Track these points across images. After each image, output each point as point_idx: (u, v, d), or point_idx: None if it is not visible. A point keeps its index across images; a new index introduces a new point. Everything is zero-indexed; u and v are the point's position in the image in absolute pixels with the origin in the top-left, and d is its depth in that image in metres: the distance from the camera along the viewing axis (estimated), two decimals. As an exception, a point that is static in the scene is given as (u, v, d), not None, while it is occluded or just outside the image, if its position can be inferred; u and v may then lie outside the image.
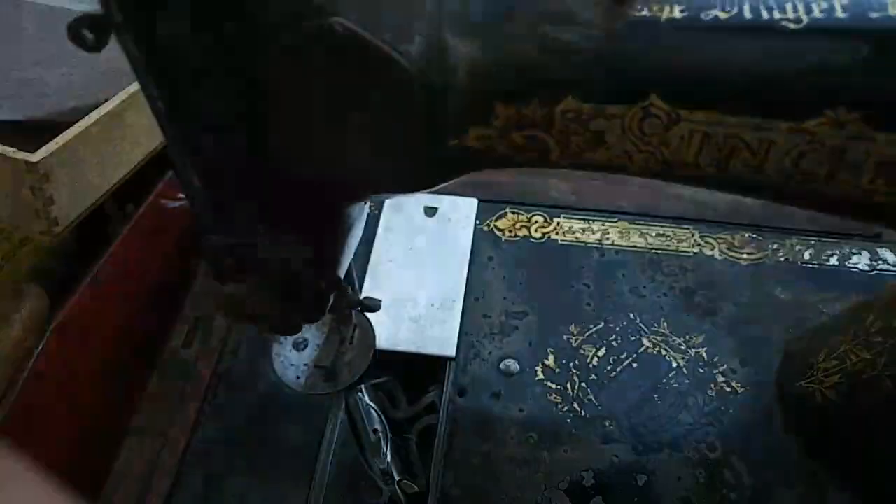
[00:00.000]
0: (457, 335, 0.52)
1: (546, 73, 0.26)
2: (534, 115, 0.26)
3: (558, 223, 0.60)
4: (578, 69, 0.26)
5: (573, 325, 0.54)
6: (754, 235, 0.59)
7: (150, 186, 0.60)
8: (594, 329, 0.53)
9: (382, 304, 0.48)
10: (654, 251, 0.58)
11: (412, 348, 0.52)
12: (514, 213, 0.61)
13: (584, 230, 0.59)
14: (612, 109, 0.26)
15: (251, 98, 0.25)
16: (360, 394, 0.49)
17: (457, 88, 0.25)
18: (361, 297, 0.48)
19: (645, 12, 0.26)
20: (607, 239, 0.59)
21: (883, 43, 0.24)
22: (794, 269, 0.57)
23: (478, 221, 0.60)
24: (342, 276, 0.39)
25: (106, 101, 0.47)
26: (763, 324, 0.54)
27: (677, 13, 0.26)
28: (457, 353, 0.51)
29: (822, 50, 0.25)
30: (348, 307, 0.47)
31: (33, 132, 0.47)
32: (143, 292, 0.60)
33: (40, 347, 0.50)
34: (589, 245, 0.58)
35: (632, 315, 0.54)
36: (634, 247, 0.58)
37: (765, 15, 0.25)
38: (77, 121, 0.46)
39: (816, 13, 0.25)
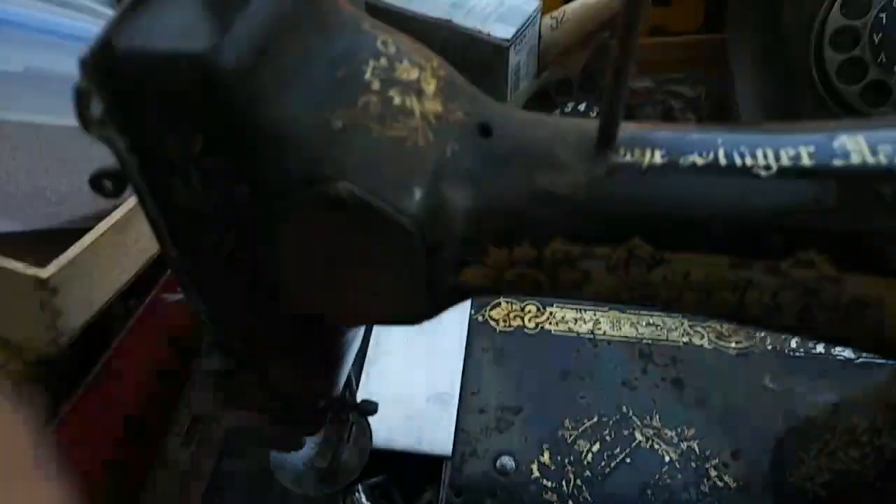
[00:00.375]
0: (453, 433, 0.53)
1: (535, 218, 0.27)
2: (525, 255, 0.28)
3: (551, 312, 0.61)
4: (565, 214, 0.27)
5: (568, 420, 0.54)
6: (742, 325, 0.60)
7: (153, 281, 0.61)
8: (588, 423, 0.54)
9: (380, 398, 0.49)
10: (644, 341, 0.59)
11: (408, 447, 0.52)
12: (507, 302, 0.62)
13: (576, 320, 0.61)
14: (598, 251, 0.28)
15: (259, 247, 0.27)
16: (357, 493, 0.50)
17: (453, 237, 0.27)
18: (358, 397, 0.49)
19: (628, 158, 0.28)
20: (599, 329, 0.60)
21: (846, 187, 0.26)
22: (782, 357, 0.58)
23: (472, 311, 0.61)
24: (340, 385, 0.40)
25: (116, 207, 0.48)
26: (753, 414, 0.55)
27: (658, 159, 0.28)
28: (453, 452, 0.52)
29: (791, 194, 0.27)
30: (346, 411, 0.47)
31: (40, 239, 0.48)
32: (144, 388, 0.60)
33: (39, 451, 0.51)
34: (582, 335, 0.59)
35: (625, 408, 0.55)
36: (626, 337, 0.59)
37: (738, 161, 0.27)
38: (89, 227, 0.47)
39: (785, 160, 0.27)
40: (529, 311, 0.62)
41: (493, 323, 0.61)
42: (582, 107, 0.80)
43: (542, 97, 0.83)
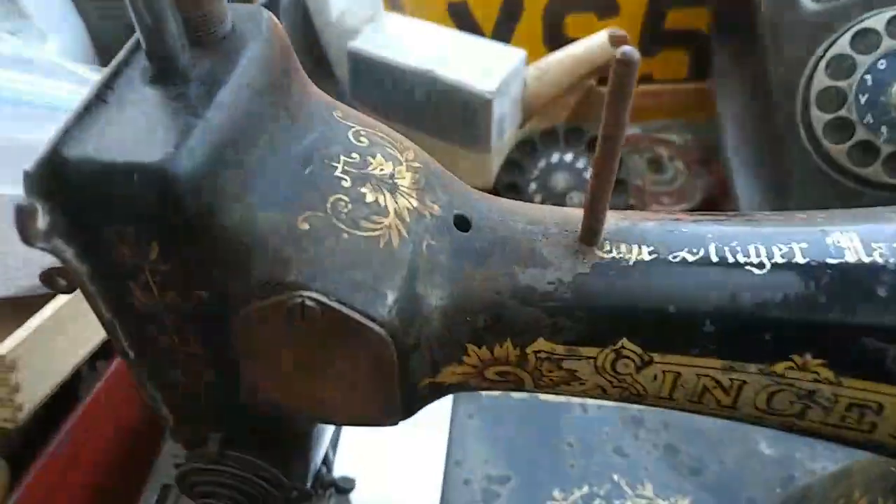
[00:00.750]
0: (437, 507, 0.51)
1: (517, 317, 0.26)
2: (507, 355, 0.26)
3: (538, 373, 0.60)
4: (549, 313, 0.26)
5: (557, 490, 0.52)
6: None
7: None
8: (578, 494, 0.52)
9: (361, 469, 0.47)
10: (636, 406, 0.57)
11: (391, 523, 0.50)
12: (493, 362, 0.60)
13: (564, 382, 0.59)
14: (584, 351, 0.26)
15: (224, 347, 0.25)
16: (337, 574, 0.47)
17: (429, 337, 0.25)
18: (336, 470, 0.47)
19: (614, 254, 0.26)
20: (588, 392, 0.58)
21: (840, 286, 0.25)
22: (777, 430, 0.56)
23: (457, 373, 0.59)
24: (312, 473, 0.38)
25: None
26: (750, 482, 0.53)
27: (646, 255, 0.26)
28: (437, 528, 0.50)
29: (784, 293, 0.25)
30: (322, 488, 0.45)
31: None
32: (112, 455, 0.58)
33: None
34: (571, 401, 0.58)
35: (615, 476, 0.53)
36: (617, 402, 0.57)
37: (730, 258, 0.26)
38: (48, 295, 0.45)
39: (777, 257, 0.26)
40: (516, 372, 0.60)
41: (478, 386, 0.59)
42: (568, 157, 0.80)
43: (526, 146, 0.82)
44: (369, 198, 0.25)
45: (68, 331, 0.45)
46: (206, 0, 0.23)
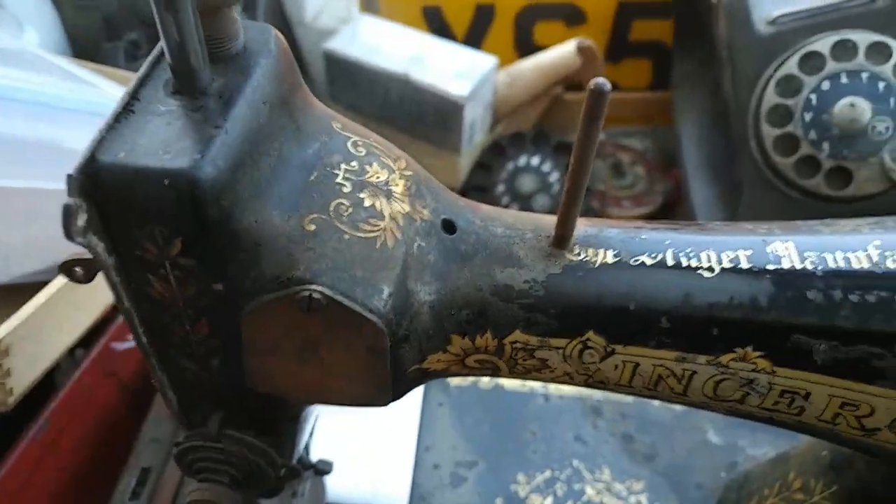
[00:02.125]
0: (409, 489, 0.53)
1: (497, 311, 0.29)
2: (486, 345, 0.30)
3: (504, 366, 0.63)
4: (525, 308, 0.29)
5: (521, 474, 0.56)
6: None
7: (100, 331, 0.60)
8: (540, 477, 0.56)
9: (336, 454, 0.49)
10: (595, 397, 0.61)
11: (364, 503, 0.53)
12: (462, 355, 0.64)
13: (529, 374, 0.62)
14: (554, 342, 0.29)
15: (232, 336, 0.27)
16: (312, 552, 0.50)
17: (418, 328, 0.28)
18: (313, 454, 0.49)
19: (582, 257, 0.30)
20: (552, 384, 0.62)
21: (778, 287, 0.29)
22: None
23: (428, 364, 0.62)
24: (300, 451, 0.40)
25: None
26: (698, 468, 0.57)
27: (610, 258, 0.30)
28: (408, 508, 0.53)
29: (731, 293, 0.29)
30: (302, 469, 0.48)
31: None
32: (91, 440, 0.59)
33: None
34: (535, 391, 0.61)
35: (575, 462, 0.57)
36: (578, 393, 0.61)
37: (684, 263, 0.30)
38: (39, 282, 0.47)
39: (726, 262, 0.29)
40: (484, 365, 0.63)
41: (448, 379, 0.62)
42: (535, 160, 0.83)
43: (495, 149, 0.85)
44: (367, 202, 0.27)
45: (58, 319, 0.47)
46: (223, 19, 0.26)
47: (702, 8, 0.78)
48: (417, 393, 0.60)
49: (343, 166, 0.28)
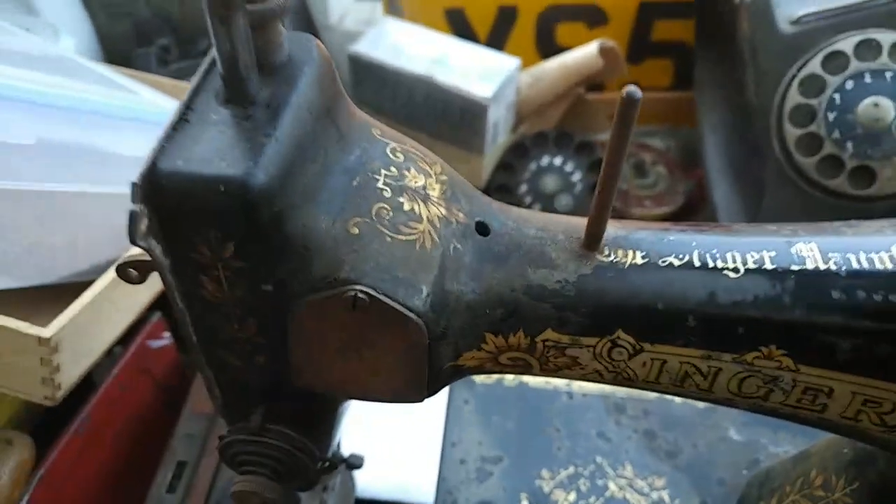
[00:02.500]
0: (435, 483, 0.55)
1: (529, 310, 0.30)
2: (519, 343, 0.31)
3: (528, 364, 0.64)
4: (556, 308, 0.30)
5: (545, 470, 0.57)
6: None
7: (136, 328, 0.62)
8: (564, 473, 0.57)
9: (365, 449, 0.51)
10: (618, 394, 0.62)
11: (391, 497, 0.54)
12: (486, 352, 0.65)
13: (552, 371, 0.64)
14: (585, 340, 0.31)
15: (278, 334, 0.29)
16: (343, 544, 0.51)
17: (454, 326, 0.30)
18: (344, 449, 0.51)
19: (612, 258, 0.31)
20: (575, 382, 0.63)
21: (802, 288, 0.30)
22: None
23: (453, 362, 0.64)
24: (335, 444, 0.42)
25: (111, 262, 0.50)
26: (719, 464, 0.58)
27: (639, 259, 0.31)
28: (435, 501, 0.54)
29: (755, 293, 0.30)
30: (334, 464, 0.49)
31: (30, 294, 0.49)
32: (128, 435, 0.61)
33: (27, 499, 0.51)
34: (559, 389, 0.62)
35: (598, 458, 0.58)
36: (601, 391, 0.62)
37: (710, 263, 0.31)
38: (85, 282, 0.49)
39: (750, 263, 0.30)
40: (508, 362, 0.64)
41: (473, 377, 0.63)
42: (557, 160, 0.84)
43: (518, 149, 0.86)
44: (406, 206, 0.29)
45: (101, 318, 0.49)
46: (270, 31, 0.27)
47: (724, 8, 0.78)
48: (444, 391, 0.61)
49: (383, 172, 0.29)
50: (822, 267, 0.30)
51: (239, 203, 0.24)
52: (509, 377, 0.63)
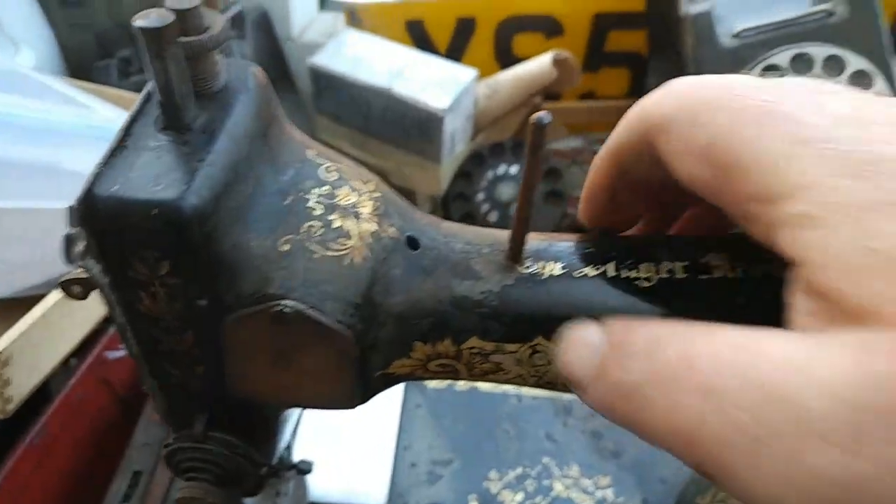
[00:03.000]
0: (387, 487, 0.57)
1: (455, 320, 0.32)
2: (446, 351, 0.33)
3: (482, 368, 0.66)
4: (481, 317, 0.32)
5: (493, 471, 0.59)
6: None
7: (94, 339, 0.63)
8: (512, 474, 0.59)
9: (317, 454, 0.52)
10: (566, 396, 0.64)
11: (344, 500, 0.56)
12: (441, 358, 0.67)
13: (504, 375, 0.66)
14: (508, 347, 0.33)
15: (214, 347, 0.31)
16: (296, 547, 0.53)
17: (384, 337, 0.31)
18: (295, 453, 0.52)
19: (532, 270, 0.33)
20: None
21: (712, 299, 0.32)
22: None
23: (408, 367, 0.66)
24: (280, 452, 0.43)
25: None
26: (662, 464, 0.60)
27: (557, 270, 0.33)
28: (388, 504, 0.56)
29: (667, 304, 0.32)
30: (284, 469, 0.51)
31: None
32: (86, 445, 0.62)
33: (-19, 509, 0.52)
34: (508, 393, 0.64)
35: (546, 459, 0.60)
36: (549, 393, 0.65)
37: (624, 273, 0.33)
38: (40, 295, 0.50)
39: (663, 273, 0.33)
40: (462, 367, 0.66)
41: (426, 381, 0.65)
42: (514, 169, 0.86)
43: (476, 158, 0.88)
44: (336, 223, 0.31)
45: (54, 331, 0.50)
46: (206, 61, 0.29)
47: (671, 21, 0.81)
48: (397, 395, 0.63)
49: (315, 191, 0.31)
50: (730, 275, 0.32)
51: (172, 225, 0.26)
52: (461, 381, 0.65)
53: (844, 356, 0.16)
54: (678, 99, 0.24)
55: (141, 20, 0.24)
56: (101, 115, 0.55)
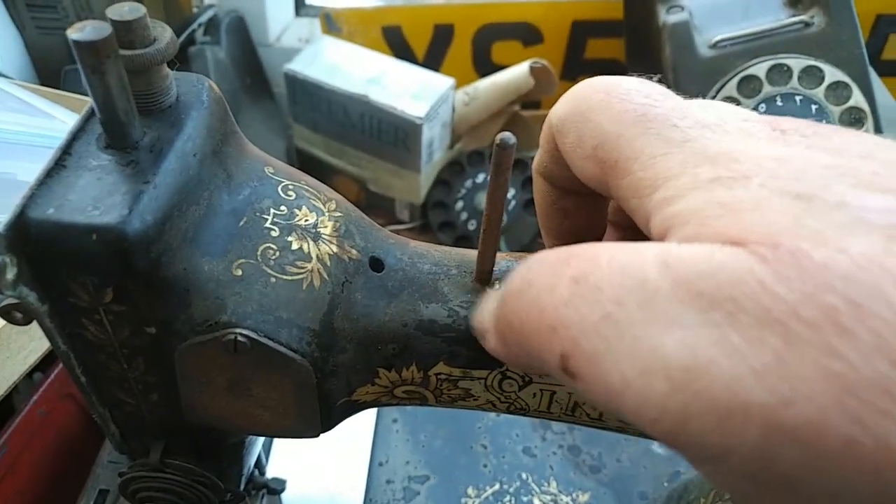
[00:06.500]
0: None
1: (421, 345, 0.31)
2: (412, 377, 0.31)
3: (459, 382, 0.65)
4: (447, 342, 0.31)
5: (471, 488, 0.58)
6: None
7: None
8: (490, 491, 0.58)
9: (291, 470, 0.51)
10: (544, 410, 0.63)
11: (318, 521, 0.54)
12: (418, 371, 0.65)
13: (482, 389, 0.64)
14: (476, 373, 0.31)
15: (167, 373, 0.29)
16: (267, 570, 0.51)
17: (345, 364, 0.30)
18: (268, 471, 0.51)
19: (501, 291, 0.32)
20: (503, 398, 0.64)
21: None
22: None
23: (384, 381, 0.64)
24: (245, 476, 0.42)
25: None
26: (642, 478, 0.59)
27: (527, 292, 0.32)
28: (361, 525, 0.54)
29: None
30: (255, 489, 0.49)
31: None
32: (51, 462, 0.60)
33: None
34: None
35: (524, 475, 0.59)
36: (527, 407, 0.63)
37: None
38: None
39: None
40: (438, 381, 0.65)
41: (403, 394, 0.64)
42: (492, 178, 0.85)
43: (454, 166, 0.87)
44: (294, 245, 0.29)
45: (13, 345, 0.48)
46: (152, 75, 0.27)
47: (649, 30, 0.81)
48: (371, 411, 0.61)
49: (272, 211, 0.30)
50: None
51: (113, 251, 0.24)
52: (437, 396, 0.64)
53: (695, 250, 0.17)
54: (572, 101, 0.26)
55: (75, 32, 0.23)
56: (61, 124, 0.53)
